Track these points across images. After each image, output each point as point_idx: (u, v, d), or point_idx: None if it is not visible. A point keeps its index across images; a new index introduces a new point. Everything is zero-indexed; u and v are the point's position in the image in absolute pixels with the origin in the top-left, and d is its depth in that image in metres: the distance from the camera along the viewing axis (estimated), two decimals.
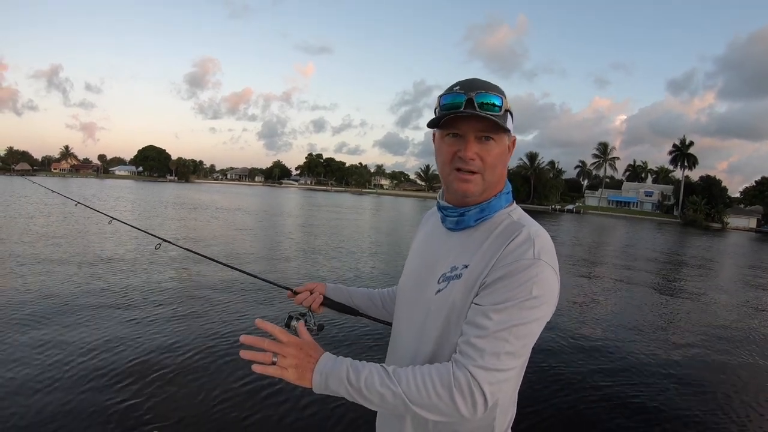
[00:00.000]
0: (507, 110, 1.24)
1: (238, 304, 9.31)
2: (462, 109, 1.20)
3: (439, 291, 1.28)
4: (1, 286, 8.97)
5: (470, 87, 1.22)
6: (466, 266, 1.24)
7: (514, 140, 1.30)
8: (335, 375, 1.15)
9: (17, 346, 5.88)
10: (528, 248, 1.16)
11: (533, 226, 1.22)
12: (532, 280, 1.13)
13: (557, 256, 1.20)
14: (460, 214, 1.30)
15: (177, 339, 6.77)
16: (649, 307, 10.56)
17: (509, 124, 1.25)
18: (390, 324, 1.56)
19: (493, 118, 1.19)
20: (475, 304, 1.18)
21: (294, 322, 1.53)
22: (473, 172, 1.25)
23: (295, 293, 1.70)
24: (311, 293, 1.69)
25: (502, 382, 1.12)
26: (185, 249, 2.61)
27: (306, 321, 1.58)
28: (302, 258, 14.54)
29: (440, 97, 1.27)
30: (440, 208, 1.36)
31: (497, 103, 1.21)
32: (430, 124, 1.30)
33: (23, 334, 6.37)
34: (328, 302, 1.70)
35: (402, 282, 1.49)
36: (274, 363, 1.16)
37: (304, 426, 4.51)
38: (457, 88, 1.24)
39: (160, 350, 6.18)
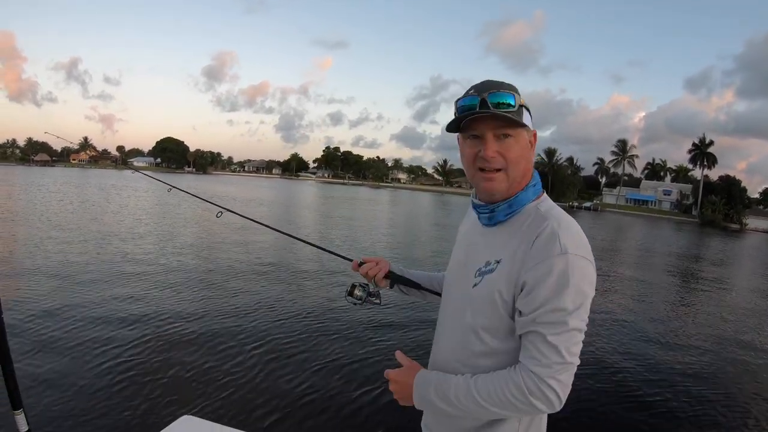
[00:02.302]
0: (522, 106, 1.29)
1: (298, 274, 10.31)
2: (477, 110, 1.27)
3: (475, 285, 1.35)
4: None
5: (483, 88, 1.29)
6: (498, 261, 1.30)
7: (535, 134, 1.35)
8: (426, 396, 1.34)
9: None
10: (554, 244, 1.20)
11: (557, 219, 1.26)
12: (565, 276, 1.17)
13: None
14: (491, 211, 1.36)
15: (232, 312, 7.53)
16: (663, 308, 10.95)
17: (526, 119, 1.30)
18: None
19: (506, 114, 1.26)
20: (523, 310, 1.24)
21: (358, 291, 1.73)
22: (497, 170, 1.31)
23: (360, 264, 1.75)
24: (377, 264, 1.74)
25: (569, 374, 1.19)
26: (245, 217, 2.64)
27: (367, 289, 1.74)
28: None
29: (457, 101, 1.34)
30: (474, 207, 1.45)
31: (510, 101, 1.27)
32: (449, 128, 1.38)
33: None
34: (391, 275, 1.75)
35: (447, 275, 1.60)
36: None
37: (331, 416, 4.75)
38: (472, 91, 1.31)
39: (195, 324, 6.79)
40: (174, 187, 3.03)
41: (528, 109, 1.31)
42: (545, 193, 1.39)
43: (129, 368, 5.33)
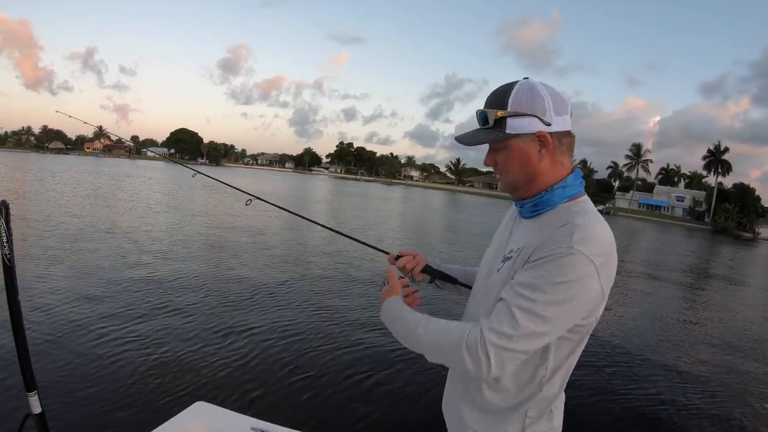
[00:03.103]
0: (500, 118, 1.34)
1: (326, 266, 10.69)
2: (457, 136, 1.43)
3: (498, 270, 1.42)
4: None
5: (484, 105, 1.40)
6: (520, 249, 1.35)
7: (540, 135, 1.33)
8: (385, 317, 1.48)
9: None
10: (566, 237, 1.22)
11: (582, 218, 1.28)
12: (560, 267, 1.19)
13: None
14: (522, 206, 1.44)
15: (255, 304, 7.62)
16: (670, 315, 10.90)
17: (510, 128, 1.33)
18: None
19: (468, 139, 1.39)
20: (513, 277, 1.29)
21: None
22: (499, 173, 1.44)
23: (397, 257, 1.76)
24: (414, 258, 1.75)
25: (510, 352, 1.20)
26: (275, 205, 2.59)
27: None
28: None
29: None
30: (514, 200, 1.52)
31: (483, 117, 1.37)
32: None
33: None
34: (428, 270, 1.76)
35: (480, 265, 1.65)
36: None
37: (360, 412, 4.76)
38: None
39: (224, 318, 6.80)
40: (199, 172, 3.13)
41: (523, 114, 1.32)
42: (585, 196, 1.40)
43: (142, 354, 5.39)
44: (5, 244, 1.63)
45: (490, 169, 1.44)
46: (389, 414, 4.82)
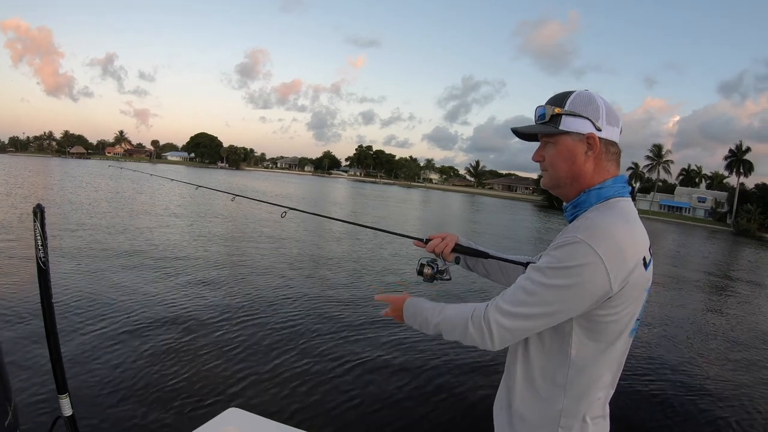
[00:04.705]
0: (556, 114, 1.42)
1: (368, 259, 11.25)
2: (516, 128, 1.51)
3: None
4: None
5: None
6: None
7: (589, 136, 1.40)
8: (407, 318, 1.59)
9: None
10: (575, 228, 1.29)
11: (597, 213, 1.35)
12: (562, 253, 1.26)
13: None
14: (565, 210, 1.50)
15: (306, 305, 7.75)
16: (686, 317, 10.77)
17: (564, 125, 1.41)
18: (520, 264, 1.76)
19: (518, 130, 1.51)
20: None
21: (426, 269, 1.72)
22: (545, 169, 1.49)
23: (426, 241, 1.78)
24: (443, 240, 1.76)
25: (512, 330, 1.30)
26: (311, 213, 2.66)
27: (436, 267, 1.72)
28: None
29: None
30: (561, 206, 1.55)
31: (541, 112, 1.45)
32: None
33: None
34: (459, 248, 1.77)
35: None
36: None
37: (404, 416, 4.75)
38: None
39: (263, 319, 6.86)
40: (237, 195, 3.20)
41: (572, 114, 1.41)
42: (624, 199, 1.44)
43: (174, 359, 5.36)
44: (40, 248, 1.63)
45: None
46: (429, 421, 4.79)
